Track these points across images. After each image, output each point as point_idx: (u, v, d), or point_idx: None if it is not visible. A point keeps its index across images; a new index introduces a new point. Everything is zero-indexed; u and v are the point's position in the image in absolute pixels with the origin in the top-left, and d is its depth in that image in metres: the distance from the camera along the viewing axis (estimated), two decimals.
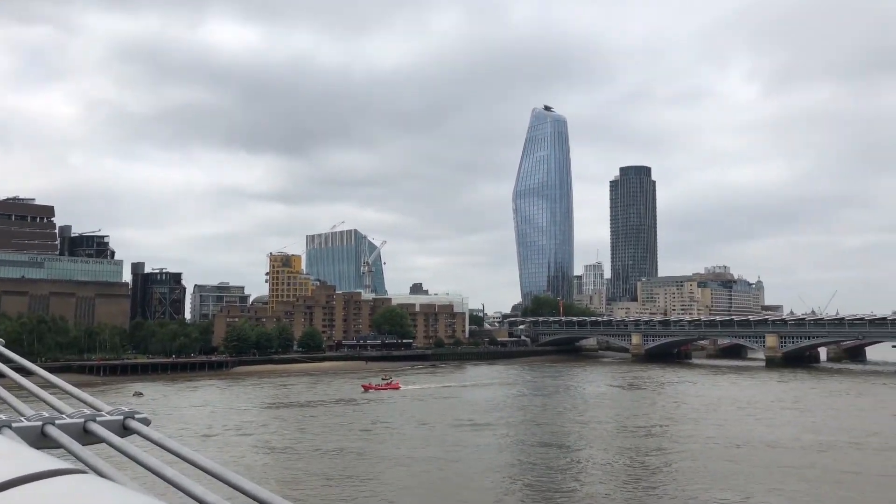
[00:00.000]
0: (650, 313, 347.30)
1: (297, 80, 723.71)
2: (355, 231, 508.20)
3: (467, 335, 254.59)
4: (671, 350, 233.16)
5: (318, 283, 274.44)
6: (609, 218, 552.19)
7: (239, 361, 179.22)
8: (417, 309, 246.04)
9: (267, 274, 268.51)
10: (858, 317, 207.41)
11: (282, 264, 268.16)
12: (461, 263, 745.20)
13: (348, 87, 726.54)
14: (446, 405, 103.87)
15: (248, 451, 66.08)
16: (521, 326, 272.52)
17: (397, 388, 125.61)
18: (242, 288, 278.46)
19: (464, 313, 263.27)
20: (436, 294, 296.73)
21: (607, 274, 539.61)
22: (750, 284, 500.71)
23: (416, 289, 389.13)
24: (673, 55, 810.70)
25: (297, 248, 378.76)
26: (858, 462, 59.55)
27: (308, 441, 71.26)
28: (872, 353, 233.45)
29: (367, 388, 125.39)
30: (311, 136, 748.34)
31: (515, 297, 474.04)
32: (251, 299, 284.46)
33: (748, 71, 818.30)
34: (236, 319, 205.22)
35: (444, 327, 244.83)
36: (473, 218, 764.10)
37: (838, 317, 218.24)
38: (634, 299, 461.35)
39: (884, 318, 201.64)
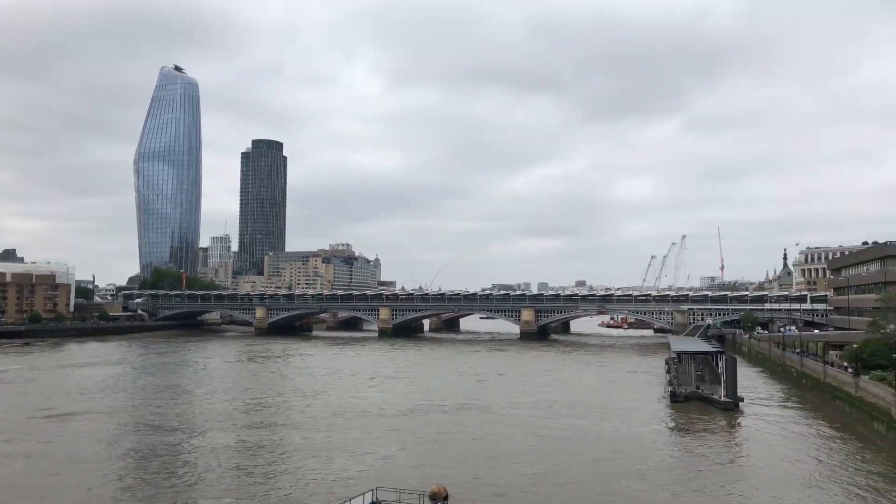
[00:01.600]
0: (276, 287, 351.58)
1: None
2: None
3: (72, 309, 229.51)
4: (294, 323, 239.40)
5: None
6: (239, 190, 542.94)
7: None
8: (9, 279, 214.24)
9: None
10: (456, 292, 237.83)
11: None
12: (69, 229, 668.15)
13: None
14: (35, 392, 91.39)
15: None
16: (139, 300, 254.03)
17: None
18: None
19: (69, 285, 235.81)
20: (34, 262, 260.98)
21: (235, 247, 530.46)
22: (369, 261, 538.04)
23: (9, 255, 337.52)
24: (307, 38, 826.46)
25: None
26: (445, 421, 67.86)
27: None
28: (465, 323, 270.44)
29: None
30: None
31: (133, 269, 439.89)
32: None
33: (372, 66, 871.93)
34: None
35: (42, 300, 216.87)
36: (86, 180, 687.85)
37: (440, 292, 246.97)
38: (261, 273, 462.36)
39: (474, 294, 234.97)
